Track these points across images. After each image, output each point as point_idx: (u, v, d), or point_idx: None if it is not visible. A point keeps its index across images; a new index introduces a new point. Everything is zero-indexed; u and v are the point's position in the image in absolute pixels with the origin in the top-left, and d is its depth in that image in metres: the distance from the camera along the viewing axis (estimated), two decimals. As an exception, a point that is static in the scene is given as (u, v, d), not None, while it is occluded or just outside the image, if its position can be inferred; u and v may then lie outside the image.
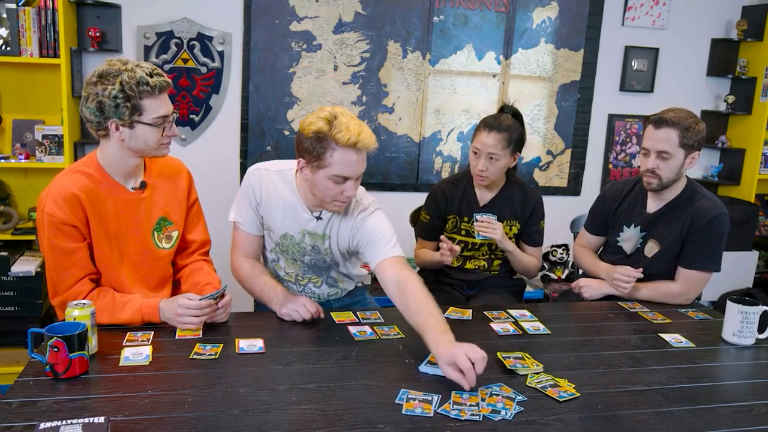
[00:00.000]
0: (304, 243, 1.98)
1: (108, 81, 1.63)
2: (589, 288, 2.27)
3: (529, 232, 2.39)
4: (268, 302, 1.91)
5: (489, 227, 2.24)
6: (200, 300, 1.71)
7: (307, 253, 2.00)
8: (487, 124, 2.24)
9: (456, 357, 1.45)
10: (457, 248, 2.22)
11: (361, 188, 1.96)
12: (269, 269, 2.09)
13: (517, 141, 2.26)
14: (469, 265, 2.41)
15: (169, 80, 1.73)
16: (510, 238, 2.35)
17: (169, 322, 1.73)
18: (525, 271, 2.44)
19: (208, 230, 2.06)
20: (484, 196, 2.37)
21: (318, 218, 1.94)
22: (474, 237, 2.32)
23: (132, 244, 1.81)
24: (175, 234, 1.91)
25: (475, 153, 2.26)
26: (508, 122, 2.24)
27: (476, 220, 2.26)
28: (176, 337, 1.67)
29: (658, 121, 2.11)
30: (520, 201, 2.37)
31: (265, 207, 1.96)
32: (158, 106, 1.69)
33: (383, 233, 1.86)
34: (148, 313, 1.72)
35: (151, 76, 1.66)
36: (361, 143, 1.72)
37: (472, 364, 1.43)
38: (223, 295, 1.77)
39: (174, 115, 1.76)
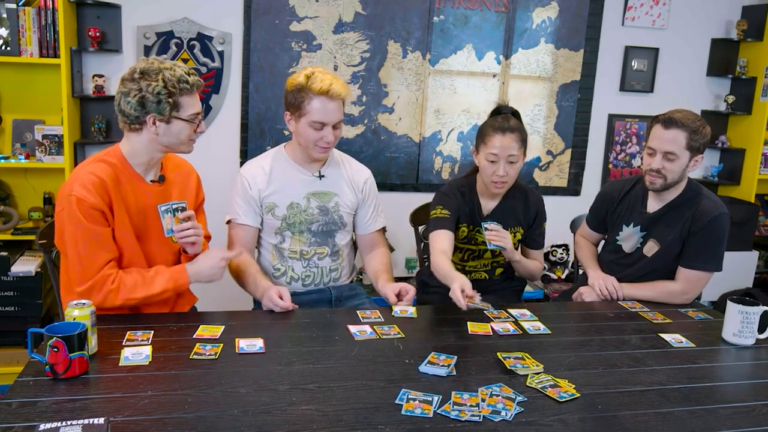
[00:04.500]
0: (310, 208, 2.15)
1: (151, 77, 1.72)
2: (590, 294, 2.25)
3: (533, 235, 2.36)
4: (252, 294, 2.08)
5: (499, 236, 2.14)
6: (159, 206, 1.81)
7: (315, 219, 2.16)
8: (498, 127, 2.15)
9: (398, 285, 2.05)
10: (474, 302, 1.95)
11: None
12: (267, 261, 2.21)
13: (526, 139, 2.21)
14: (470, 278, 2.31)
15: (202, 81, 1.85)
16: (514, 244, 2.28)
17: (203, 273, 1.83)
18: (530, 276, 2.40)
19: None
20: (488, 205, 2.30)
21: (320, 177, 2.16)
22: (483, 245, 2.22)
23: (150, 235, 1.87)
24: None
25: (492, 161, 2.15)
26: (514, 122, 2.19)
27: (486, 229, 2.16)
28: (179, 337, 1.67)
29: (668, 121, 2.09)
30: (523, 206, 2.32)
31: (268, 186, 2.13)
32: (193, 104, 1.80)
33: (378, 201, 2.31)
34: (179, 278, 1.81)
35: (189, 75, 1.78)
36: (333, 91, 2.00)
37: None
38: (184, 209, 1.85)
39: (202, 113, 1.86)
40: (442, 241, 2.15)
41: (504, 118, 2.20)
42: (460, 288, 1.83)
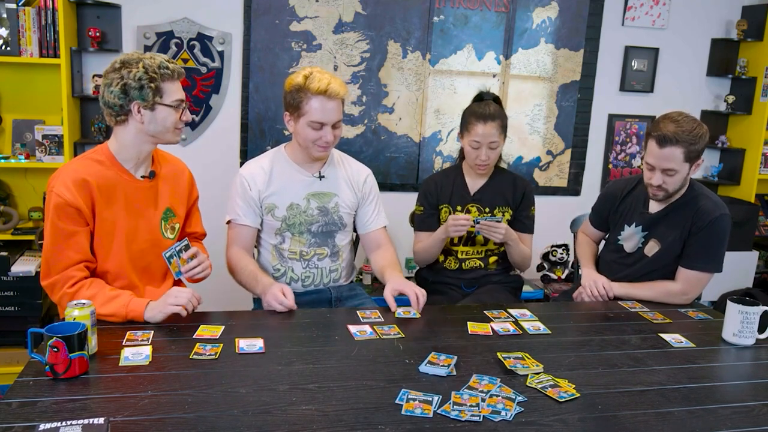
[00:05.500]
0: (310, 209, 2.15)
1: (131, 65, 1.75)
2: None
3: (521, 217, 2.45)
4: (252, 291, 2.07)
5: (491, 230, 2.24)
6: (163, 254, 1.80)
7: (314, 220, 2.16)
8: (480, 115, 2.29)
9: (402, 286, 1.96)
10: (468, 221, 2.23)
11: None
12: (266, 261, 2.21)
13: (506, 125, 2.36)
14: (465, 266, 2.44)
15: (183, 70, 1.86)
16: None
17: (155, 313, 1.71)
18: (521, 261, 2.45)
19: (206, 230, 2.15)
20: (474, 185, 2.44)
21: (320, 177, 2.17)
22: (473, 227, 2.33)
23: (140, 231, 1.86)
24: (177, 226, 1.99)
25: (475, 147, 2.31)
26: (495, 108, 2.33)
27: (477, 223, 2.24)
28: (179, 337, 1.67)
29: (662, 139, 2.01)
30: (510, 187, 2.43)
31: (268, 187, 2.13)
32: (176, 90, 1.81)
33: (379, 200, 2.30)
34: (133, 310, 1.71)
35: (169, 62, 1.81)
36: (331, 90, 2.00)
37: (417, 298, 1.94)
38: (187, 248, 1.84)
39: (186, 102, 1.87)
40: (421, 240, 2.47)
41: (485, 105, 2.34)
42: (453, 218, 2.22)
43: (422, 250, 2.44)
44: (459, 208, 2.42)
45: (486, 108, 2.31)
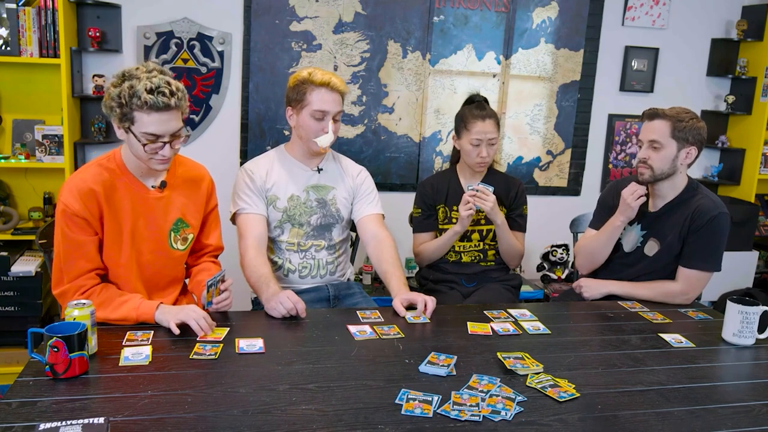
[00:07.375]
0: (310, 201, 2.21)
1: (118, 83, 1.67)
2: (589, 288, 2.27)
3: (514, 215, 2.51)
4: (259, 293, 1.97)
5: (480, 197, 2.32)
6: (207, 281, 1.76)
7: (314, 211, 2.21)
8: (478, 114, 2.39)
9: (412, 296, 1.96)
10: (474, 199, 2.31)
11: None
12: (269, 256, 2.21)
13: (500, 122, 2.48)
14: (465, 258, 2.50)
15: (172, 103, 1.66)
16: None
17: (168, 317, 1.69)
18: (511, 251, 2.48)
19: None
20: (469, 185, 2.49)
21: (319, 170, 2.24)
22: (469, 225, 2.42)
23: (147, 242, 1.84)
24: (190, 236, 1.94)
25: (476, 144, 2.39)
26: (489, 108, 2.44)
27: (470, 188, 2.34)
28: (179, 337, 1.67)
29: (651, 113, 2.20)
30: (504, 187, 2.50)
31: (270, 179, 2.19)
32: (148, 123, 1.66)
33: (372, 191, 2.32)
34: (144, 312, 1.71)
35: (151, 93, 1.63)
36: (332, 83, 2.11)
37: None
38: (223, 280, 1.82)
39: (182, 137, 1.75)
40: (421, 242, 2.54)
41: (479, 105, 2.44)
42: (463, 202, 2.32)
43: (430, 250, 2.49)
44: (455, 207, 2.46)
45: (482, 108, 2.42)
